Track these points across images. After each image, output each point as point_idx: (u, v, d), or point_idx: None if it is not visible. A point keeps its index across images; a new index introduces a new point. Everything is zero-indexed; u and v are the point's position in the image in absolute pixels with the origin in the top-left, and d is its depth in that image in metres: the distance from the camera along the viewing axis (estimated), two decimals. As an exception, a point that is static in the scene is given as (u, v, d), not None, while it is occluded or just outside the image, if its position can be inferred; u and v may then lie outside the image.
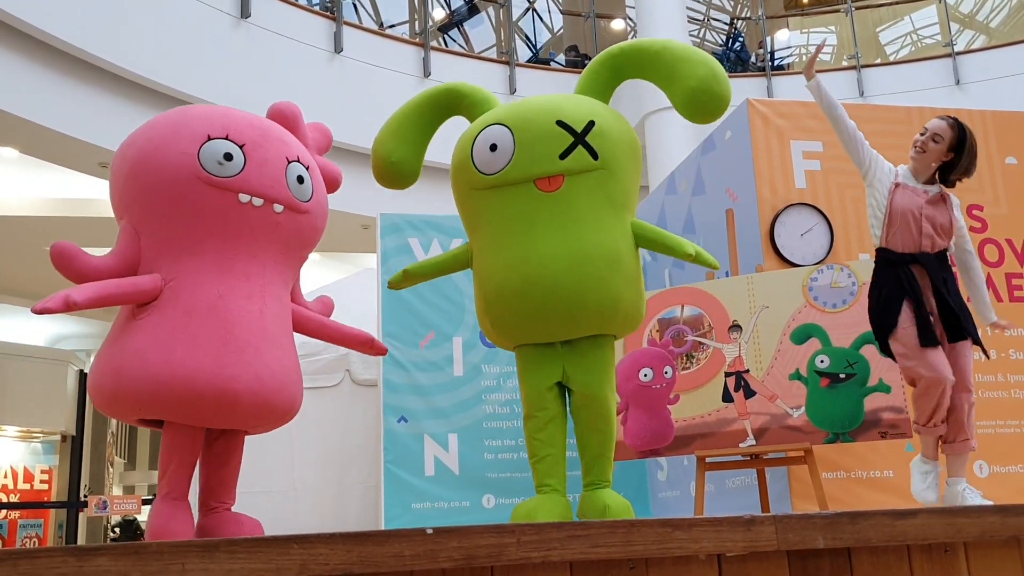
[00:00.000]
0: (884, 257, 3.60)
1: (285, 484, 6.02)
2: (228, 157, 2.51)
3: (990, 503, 3.24)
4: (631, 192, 2.81)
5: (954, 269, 3.67)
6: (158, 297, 2.45)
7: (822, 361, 4.00)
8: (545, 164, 2.65)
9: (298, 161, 2.66)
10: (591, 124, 2.67)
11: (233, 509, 2.65)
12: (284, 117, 2.81)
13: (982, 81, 11.26)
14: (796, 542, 1.57)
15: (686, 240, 2.81)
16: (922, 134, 3.67)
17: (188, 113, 2.64)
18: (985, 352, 3.69)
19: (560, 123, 2.67)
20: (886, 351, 3.57)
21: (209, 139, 2.51)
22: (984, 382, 4.47)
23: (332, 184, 2.90)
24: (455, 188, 2.88)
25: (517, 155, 2.66)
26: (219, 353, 2.39)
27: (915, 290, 3.47)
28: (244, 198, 2.51)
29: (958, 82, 11.55)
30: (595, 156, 2.66)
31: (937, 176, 3.67)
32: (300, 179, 2.64)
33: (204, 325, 2.41)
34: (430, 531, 1.43)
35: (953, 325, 3.48)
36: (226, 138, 2.53)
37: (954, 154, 3.61)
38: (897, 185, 3.61)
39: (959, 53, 12.06)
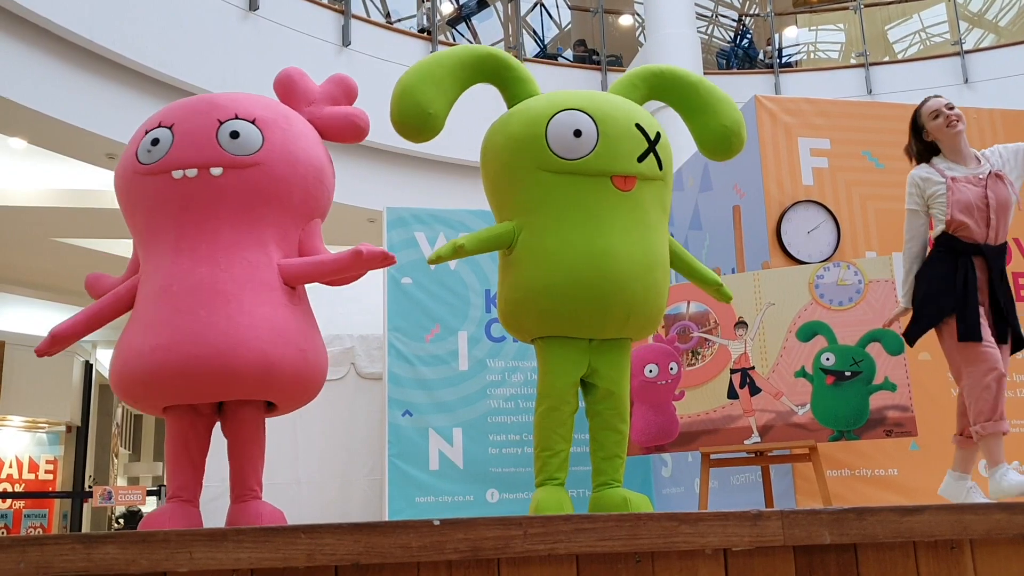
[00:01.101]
0: (945, 244, 3.50)
1: (289, 477, 6.04)
2: (155, 142, 2.52)
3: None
4: (670, 207, 2.90)
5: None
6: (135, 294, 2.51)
7: (828, 359, 4.00)
8: (625, 163, 2.65)
9: (236, 118, 2.55)
10: (659, 135, 2.73)
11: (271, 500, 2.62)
12: (281, 85, 2.82)
13: (991, 80, 11.21)
14: (802, 538, 1.57)
15: (711, 271, 3.00)
16: (936, 116, 3.58)
17: (148, 118, 2.69)
18: (1015, 351, 3.56)
19: (638, 126, 2.69)
20: (913, 339, 3.54)
21: (146, 133, 2.56)
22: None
23: (349, 131, 2.79)
24: (511, 164, 2.74)
25: (600, 147, 2.63)
26: (163, 327, 2.37)
27: (969, 282, 3.39)
28: (177, 174, 2.48)
29: (967, 80, 11.51)
30: (660, 166, 2.71)
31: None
32: (234, 134, 2.52)
33: (156, 305, 2.41)
34: (437, 522, 1.43)
35: (1001, 327, 3.42)
36: (159, 125, 2.56)
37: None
38: (953, 180, 3.49)
39: (968, 52, 12.01)
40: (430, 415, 5.55)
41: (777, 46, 13.36)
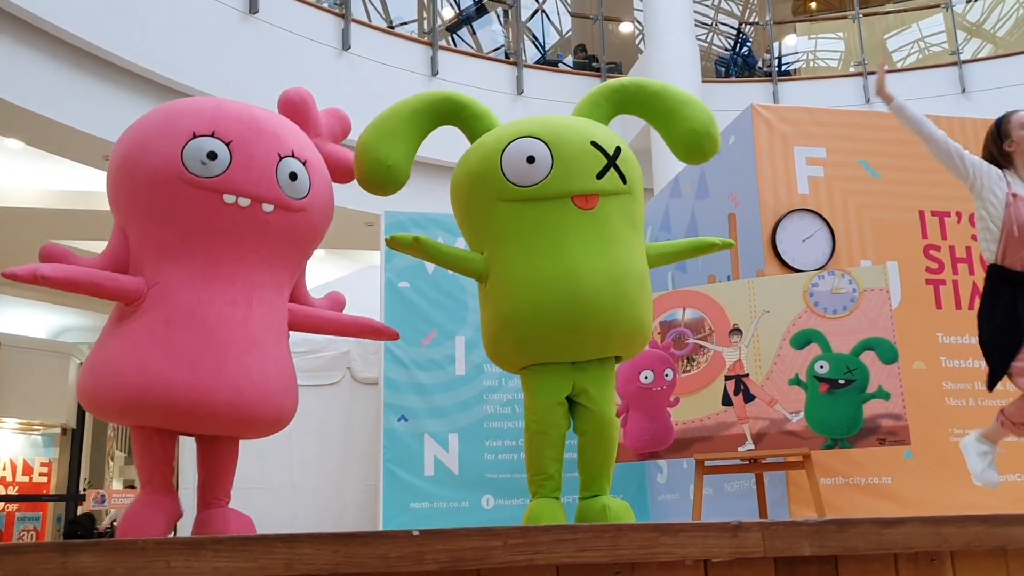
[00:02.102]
0: (999, 275, 3.45)
1: (284, 481, 6.03)
2: (212, 156, 2.38)
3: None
4: (643, 217, 2.89)
5: None
6: (142, 301, 2.37)
7: (822, 367, 4.00)
8: (583, 182, 2.64)
9: (292, 156, 2.51)
10: (619, 150, 2.72)
11: (231, 506, 2.60)
12: (293, 105, 2.72)
13: (988, 90, 11.23)
14: (783, 549, 1.57)
15: (697, 238, 3.01)
16: (1008, 135, 3.54)
17: (177, 108, 2.52)
18: None
19: (594, 144, 2.69)
20: (997, 376, 3.45)
21: (194, 136, 2.40)
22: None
23: (345, 172, 2.77)
24: (470, 199, 2.78)
25: (556, 170, 2.63)
26: (195, 362, 2.30)
27: None
28: (229, 199, 2.38)
29: (964, 90, 11.53)
30: (624, 180, 2.71)
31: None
32: (293, 176, 2.49)
33: (182, 333, 2.31)
34: (416, 533, 1.43)
35: None
36: (212, 135, 2.41)
37: None
38: (1015, 196, 3.43)
39: (966, 61, 12.03)
40: (426, 420, 5.54)
41: (776, 54, 13.39)
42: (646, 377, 4.24)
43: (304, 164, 2.54)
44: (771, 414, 4.02)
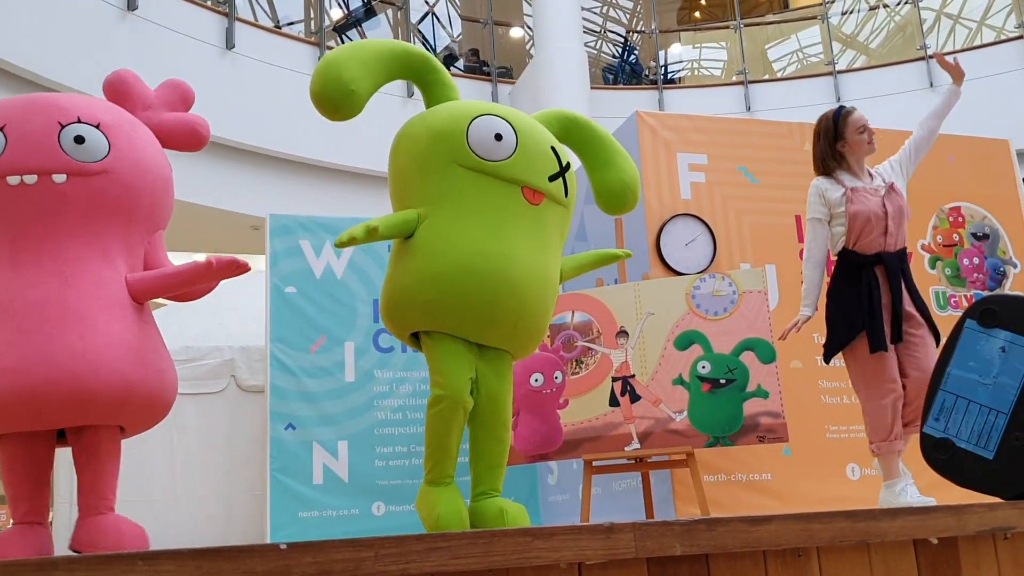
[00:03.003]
0: (848, 260, 3.67)
1: (166, 493, 5.82)
2: None
3: (932, 501, 3.35)
4: (567, 236, 2.97)
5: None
6: None
7: (704, 367, 4.09)
8: (537, 177, 2.72)
9: (79, 122, 2.38)
10: (568, 165, 2.82)
11: (138, 519, 2.44)
12: (112, 87, 2.64)
13: (862, 99, 11.72)
14: (654, 549, 1.59)
15: (600, 250, 3.16)
16: (862, 131, 3.73)
17: None
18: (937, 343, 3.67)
19: (553, 149, 2.79)
20: (833, 350, 3.67)
21: None
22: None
23: (189, 139, 2.67)
24: (427, 153, 2.73)
25: (517, 156, 2.69)
26: (7, 349, 2.15)
27: (873, 294, 3.55)
28: (13, 180, 2.27)
29: (839, 99, 12.03)
30: (566, 193, 2.80)
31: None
32: (79, 139, 2.36)
33: None
34: (284, 546, 1.39)
35: (896, 329, 3.57)
36: None
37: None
38: (852, 191, 3.67)
39: (840, 72, 12.58)
40: (314, 428, 5.44)
41: (662, 63, 13.70)
42: (536, 380, 4.26)
43: (97, 127, 2.41)
44: (656, 414, 4.10)
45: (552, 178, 2.74)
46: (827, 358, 3.73)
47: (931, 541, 1.91)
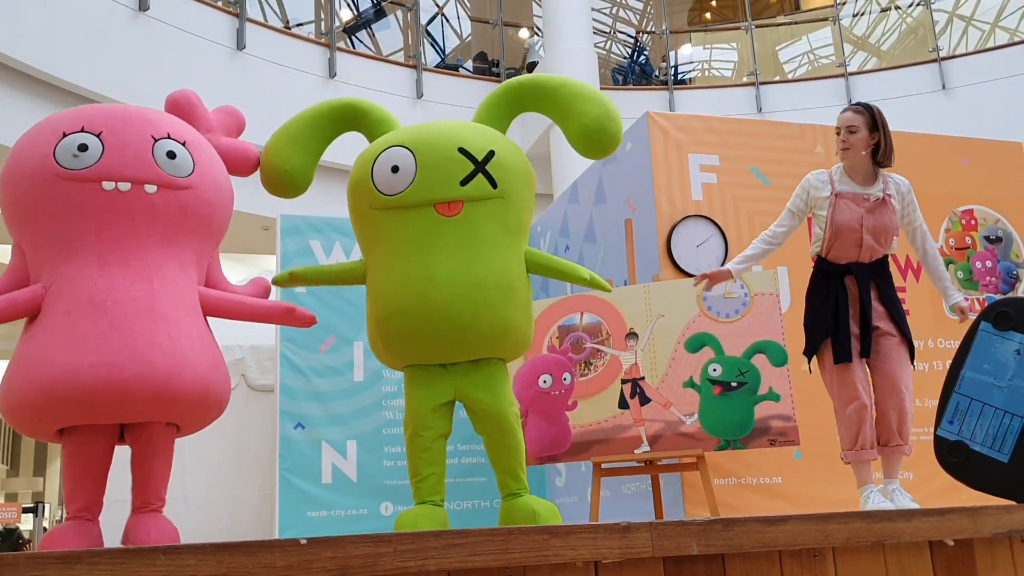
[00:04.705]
0: (820, 268, 3.66)
1: (176, 492, 5.78)
2: (83, 148, 2.42)
3: (917, 506, 3.32)
4: (525, 221, 2.89)
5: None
6: (43, 304, 2.37)
7: (715, 369, 4.08)
8: (446, 189, 2.70)
9: (168, 137, 2.54)
10: (491, 154, 2.75)
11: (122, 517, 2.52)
12: (178, 105, 2.76)
13: (873, 101, 11.72)
14: (671, 549, 1.59)
15: (580, 266, 2.93)
16: (838, 133, 3.67)
17: (50, 118, 2.58)
18: (911, 359, 3.62)
19: (462, 150, 2.73)
20: (811, 352, 3.64)
21: (64, 136, 2.44)
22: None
23: (243, 164, 2.81)
24: (352, 206, 2.88)
25: (419, 178, 2.70)
26: (99, 343, 2.26)
27: (840, 304, 3.53)
28: (108, 185, 2.40)
29: (850, 101, 11.99)
30: (494, 185, 2.74)
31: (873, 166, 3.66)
32: (171, 154, 2.51)
33: (83, 319, 2.29)
34: (303, 541, 1.40)
35: (865, 342, 3.50)
36: (82, 130, 2.45)
37: (878, 134, 3.62)
38: (838, 196, 3.59)
39: (852, 73, 12.56)
40: (323, 428, 5.46)
41: (672, 63, 13.69)
42: (544, 381, 4.26)
43: (184, 145, 2.57)
44: (666, 416, 4.09)
45: (465, 180, 2.71)
46: (807, 357, 3.68)
47: (947, 543, 1.91)
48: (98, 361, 2.25)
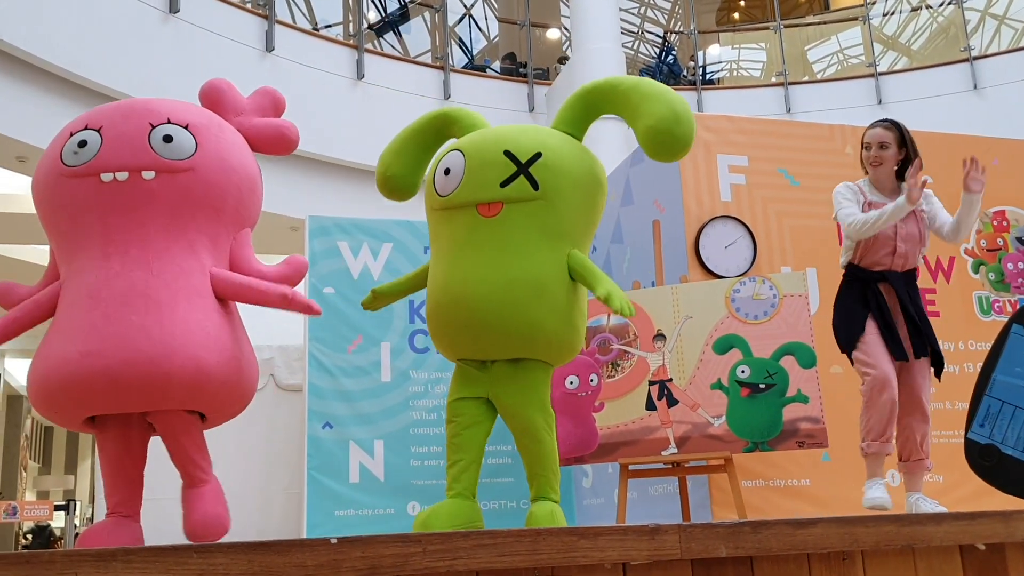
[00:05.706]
0: (852, 274, 3.71)
1: (205, 490, 5.88)
2: (82, 144, 2.47)
3: (945, 510, 3.33)
4: (574, 223, 2.83)
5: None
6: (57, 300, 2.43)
7: (743, 371, 4.07)
8: (487, 191, 2.77)
9: (168, 122, 2.52)
10: (537, 155, 2.76)
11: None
12: (207, 95, 2.80)
13: (903, 101, 11.61)
14: (699, 551, 1.59)
15: (605, 279, 2.76)
16: (867, 148, 3.73)
17: (72, 121, 2.64)
18: (938, 373, 3.68)
19: (507, 153, 2.78)
20: (846, 352, 3.68)
21: (71, 135, 2.51)
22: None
23: (280, 143, 2.80)
24: (425, 206, 3.03)
25: (465, 180, 2.80)
26: (89, 332, 2.29)
27: (882, 305, 3.57)
28: (106, 177, 2.43)
29: (880, 101, 11.90)
30: (535, 187, 2.75)
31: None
32: (168, 138, 2.49)
33: (78, 311, 2.33)
34: (334, 540, 1.41)
35: (916, 343, 3.58)
36: (85, 127, 2.51)
37: (905, 150, 3.73)
38: (870, 205, 3.67)
39: (882, 73, 12.43)
40: (351, 427, 5.48)
41: (700, 63, 13.63)
42: (571, 382, 4.26)
43: (186, 127, 2.54)
44: (694, 418, 4.07)
45: (505, 183, 2.74)
46: (848, 355, 3.69)
47: (978, 547, 1.89)
48: (87, 350, 2.27)
